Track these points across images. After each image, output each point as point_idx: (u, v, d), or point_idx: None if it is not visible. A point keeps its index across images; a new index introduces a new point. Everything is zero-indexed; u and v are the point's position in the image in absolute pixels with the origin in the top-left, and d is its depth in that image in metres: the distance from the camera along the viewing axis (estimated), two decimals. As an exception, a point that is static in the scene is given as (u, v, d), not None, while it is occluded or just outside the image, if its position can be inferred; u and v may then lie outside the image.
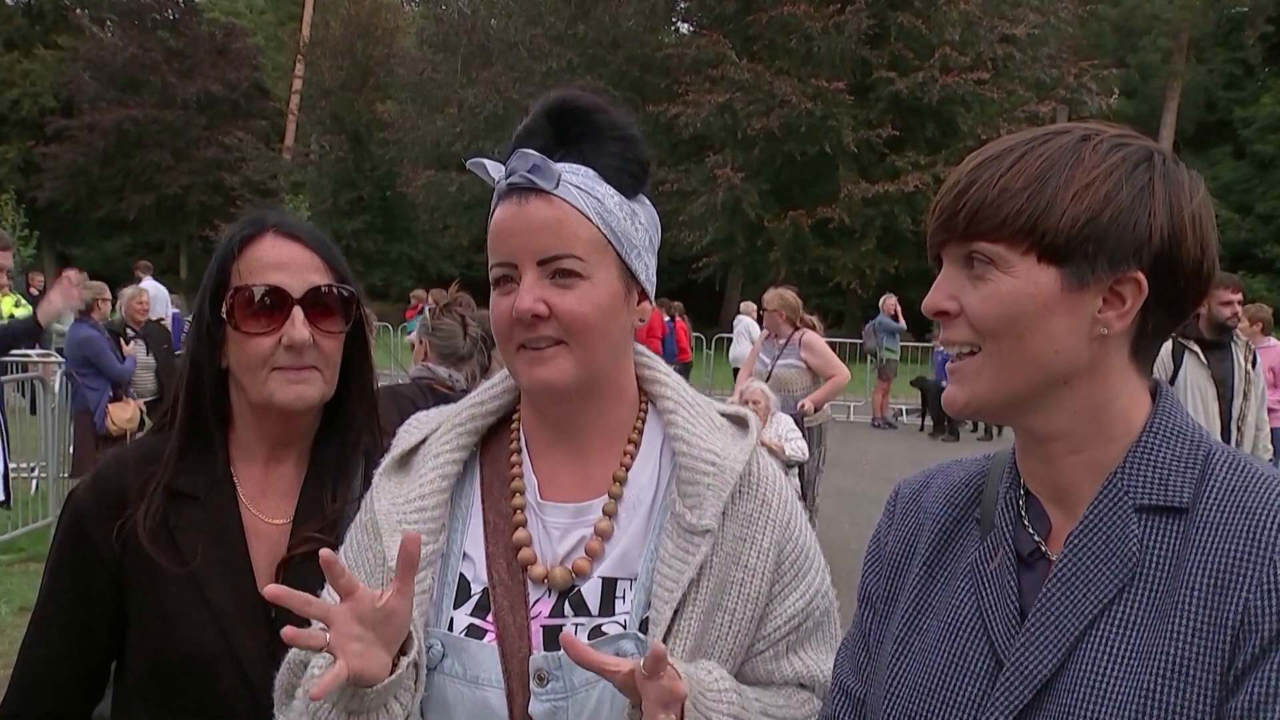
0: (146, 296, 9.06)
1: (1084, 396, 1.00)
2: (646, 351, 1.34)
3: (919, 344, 17.47)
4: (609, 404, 1.27)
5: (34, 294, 14.35)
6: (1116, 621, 0.95)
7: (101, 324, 7.82)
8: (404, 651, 1.14)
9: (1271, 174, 30.01)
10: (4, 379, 7.85)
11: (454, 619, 1.21)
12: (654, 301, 1.30)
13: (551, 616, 1.20)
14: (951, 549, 1.12)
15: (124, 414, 7.51)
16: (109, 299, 8.12)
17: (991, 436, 14.07)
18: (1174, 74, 31.68)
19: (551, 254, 1.17)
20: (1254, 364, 5.65)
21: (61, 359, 8.26)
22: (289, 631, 1.06)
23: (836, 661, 1.23)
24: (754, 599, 1.21)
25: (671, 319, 15.77)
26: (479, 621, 1.20)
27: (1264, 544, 0.90)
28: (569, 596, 1.21)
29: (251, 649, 1.38)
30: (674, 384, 1.31)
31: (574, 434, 1.27)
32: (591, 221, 1.19)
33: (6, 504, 5.89)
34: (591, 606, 1.21)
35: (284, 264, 1.44)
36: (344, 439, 1.54)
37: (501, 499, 1.27)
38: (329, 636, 1.07)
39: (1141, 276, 0.97)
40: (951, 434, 14.31)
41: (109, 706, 1.54)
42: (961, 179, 1.01)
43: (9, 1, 39.42)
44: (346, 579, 1.09)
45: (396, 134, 33.01)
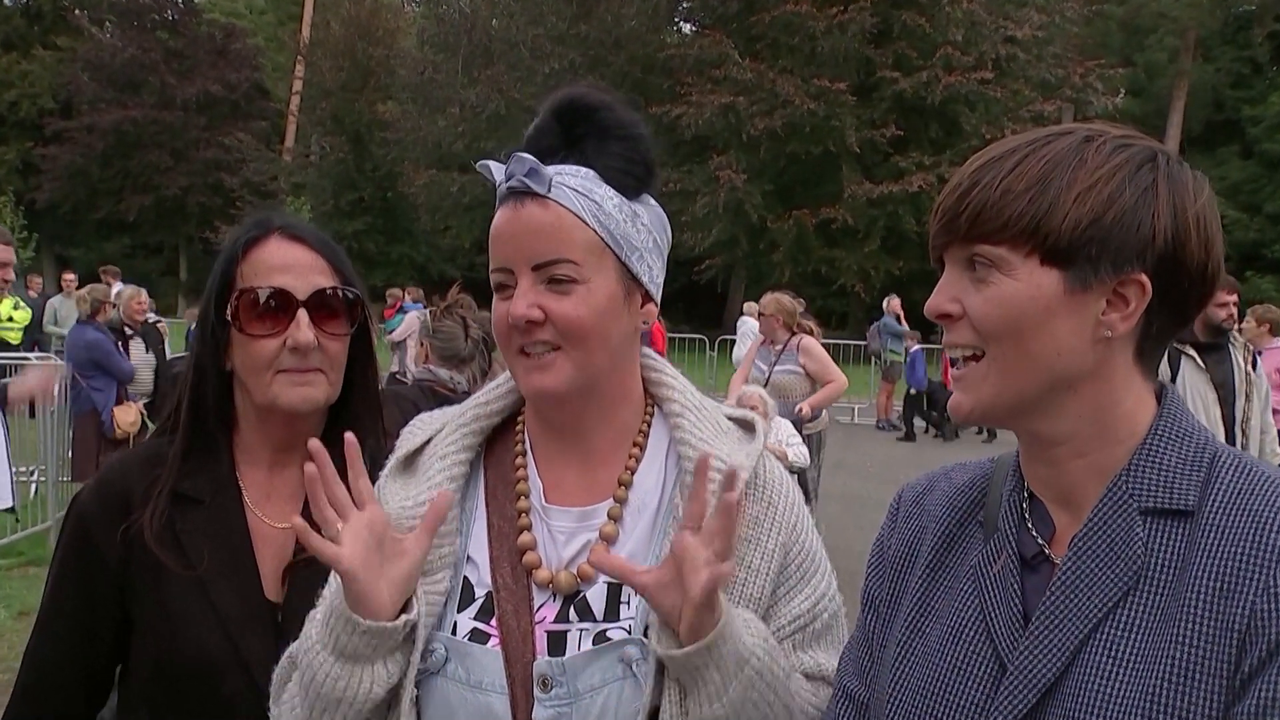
0: (145, 296, 9.11)
1: (1088, 400, 0.99)
2: (653, 354, 1.33)
3: (924, 345, 17.44)
4: (613, 407, 1.27)
5: (33, 296, 14.10)
6: (1121, 625, 0.94)
7: (105, 326, 7.91)
8: (406, 612, 1.14)
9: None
10: (2, 381, 7.75)
11: (457, 622, 1.20)
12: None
13: (556, 621, 1.19)
14: (955, 552, 1.12)
15: (127, 417, 7.55)
16: (114, 302, 8.22)
17: (995, 437, 14.02)
18: (1181, 73, 31.73)
19: (546, 259, 1.17)
20: (1254, 365, 5.46)
21: (61, 361, 8.15)
22: (299, 521, 1.10)
23: (839, 664, 1.22)
24: (756, 599, 1.20)
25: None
26: (482, 625, 1.19)
27: (1270, 547, 0.90)
28: (574, 601, 1.20)
29: (258, 653, 1.36)
30: (681, 387, 1.31)
31: (578, 437, 1.27)
32: (588, 225, 1.18)
33: (13, 509, 5.79)
34: (596, 611, 1.19)
35: (289, 266, 1.44)
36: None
37: (506, 502, 1.26)
38: (340, 526, 1.10)
39: (1145, 278, 0.96)
40: (942, 434, 14.29)
41: (113, 711, 1.54)
42: (964, 180, 1.00)
43: (7, 2, 39.54)
44: (365, 482, 1.14)
45: (397, 134, 33.10)
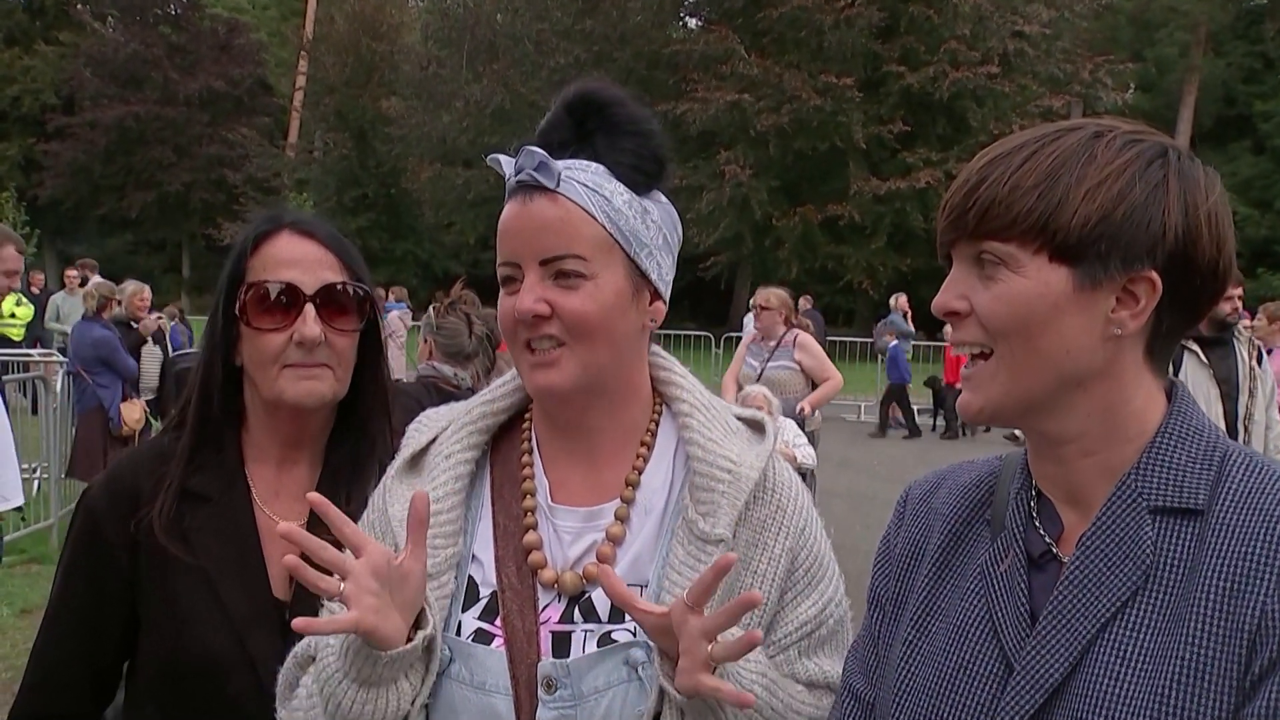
0: (147, 292, 9.17)
1: (1098, 398, 0.99)
2: (662, 352, 1.32)
3: (931, 343, 17.40)
4: (620, 405, 1.26)
5: (35, 293, 13.93)
6: (1130, 625, 0.94)
7: (111, 322, 7.94)
8: (419, 626, 1.12)
9: (1291, 169, 29.72)
10: (5, 378, 7.73)
11: (461, 622, 1.19)
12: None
13: (561, 622, 1.18)
14: (961, 550, 1.11)
15: (133, 414, 7.55)
16: (120, 299, 8.25)
17: (1017, 440, 13.83)
18: (1192, 68, 31.53)
19: (554, 254, 1.16)
20: (1260, 360, 5.32)
21: (63, 359, 8.20)
22: (291, 560, 1.03)
23: (846, 664, 1.22)
24: (763, 605, 1.19)
25: None
26: (487, 626, 1.19)
27: None
28: (579, 602, 1.19)
29: (264, 652, 1.35)
30: (690, 385, 1.30)
31: (584, 436, 1.26)
32: (596, 220, 1.17)
33: (21, 507, 5.81)
34: (601, 613, 1.18)
35: (297, 261, 1.44)
36: (358, 440, 1.53)
37: (512, 501, 1.25)
38: (343, 586, 1.05)
39: (1155, 276, 0.95)
40: (951, 432, 14.31)
41: (119, 710, 1.54)
42: (972, 176, 0.99)
43: (10, -3, 39.16)
44: (351, 529, 1.09)
45: (401, 130, 33.00)
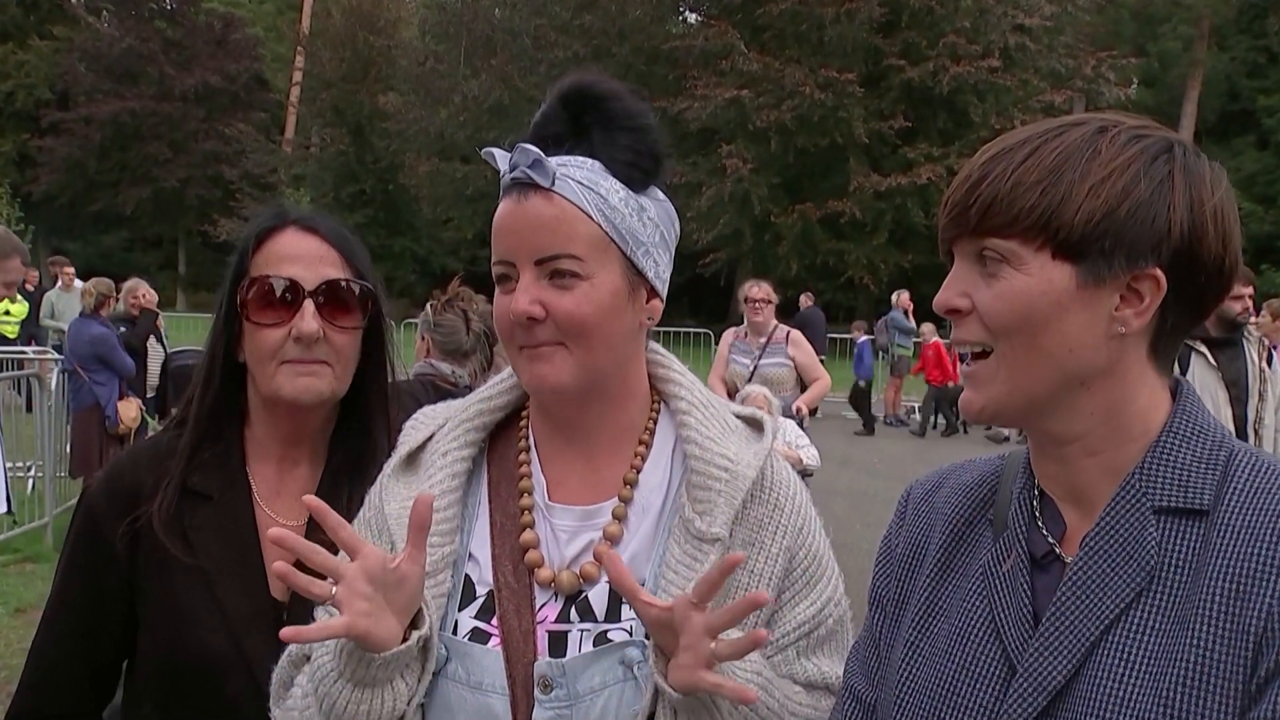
0: (145, 289, 9.17)
1: (1101, 397, 0.97)
2: (660, 349, 1.31)
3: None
4: (617, 404, 1.25)
5: (29, 289, 13.68)
6: (1134, 627, 0.92)
7: (109, 320, 7.95)
8: (415, 626, 1.11)
9: (1295, 165, 29.50)
10: (0, 376, 7.79)
11: (458, 621, 1.19)
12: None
13: (557, 622, 1.18)
14: (963, 550, 1.10)
15: (129, 412, 7.55)
16: (117, 296, 8.25)
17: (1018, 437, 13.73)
18: (1195, 62, 31.32)
19: (549, 253, 1.15)
20: (1270, 361, 5.23)
21: (58, 356, 8.24)
22: (281, 567, 1.02)
23: (847, 665, 1.21)
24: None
25: None
26: (483, 625, 1.18)
27: None
28: (575, 601, 1.19)
29: (262, 652, 1.33)
30: (688, 383, 1.29)
31: (581, 434, 1.25)
32: (592, 219, 1.16)
33: (10, 510, 5.86)
34: (598, 612, 1.18)
35: (299, 256, 1.43)
36: (361, 439, 1.52)
37: (509, 499, 1.25)
38: (335, 590, 1.05)
39: (1160, 273, 0.94)
40: (954, 430, 14.32)
41: (117, 710, 1.53)
42: (974, 172, 0.98)
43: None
44: (347, 532, 1.08)
45: (399, 126, 32.85)
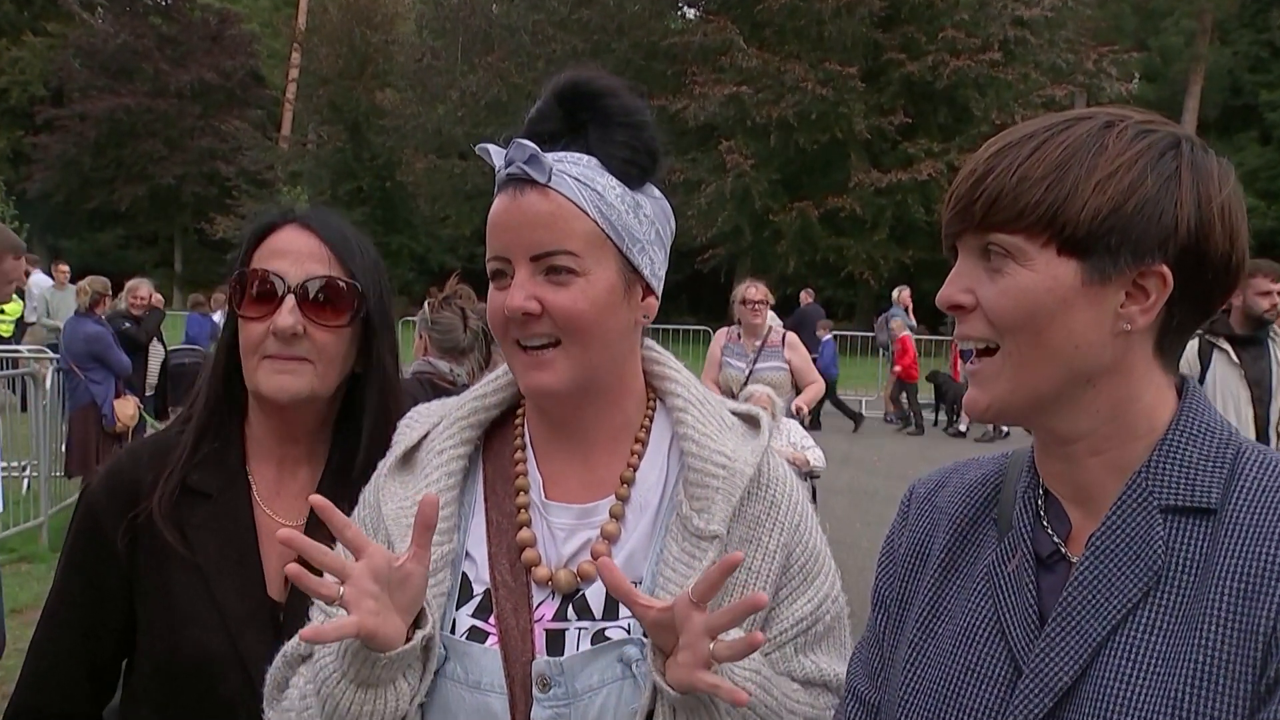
0: (148, 287, 9.24)
1: (1106, 395, 0.96)
2: (656, 346, 1.31)
3: (933, 337, 17.10)
4: (613, 403, 1.25)
5: (23, 287, 13.48)
6: (1141, 627, 0.92)
7: (105, 319, 7.94)
8: (418, 625, 1.11)
9: (1299, 160, 29.29)
10: None
11: (455, 620, 1.19)
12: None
13: (555, 620, 1.18)
14: (968, 550, 1.09)
15: (126, 410, 7.52)
16: (112, 295, 8.21)
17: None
18: (1197, 57, 31.15)
19: (545, 250, 1.15)
20: None
21: (54, 355, 8.21)
22: (292, 568, 1.03)
23: (850, 666, 1.20)
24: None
25: None
26: (480, 623, 1.18)
27: None
28: (573, 600, 1.18)
29: (258, 652, 1.33)
30: (684, 380, 1.29)
31: (577, 433, 1.25)
32: (588, 215, 1.15)
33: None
34: (595, 610, 1.17)
35: (288, 253, 1.44)
36: (360, 439, 1.50)
37: (505, 497, 1.24)
38: (343, 590, 1.05)
39: (1166, 270, 0.93)
40: (959, 433, 14.14)
41: (115, 712, 1.53)
42: (979, 167, 0.97)
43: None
44: (353, 532, 1.08)
45: (396, 122, 32.68)
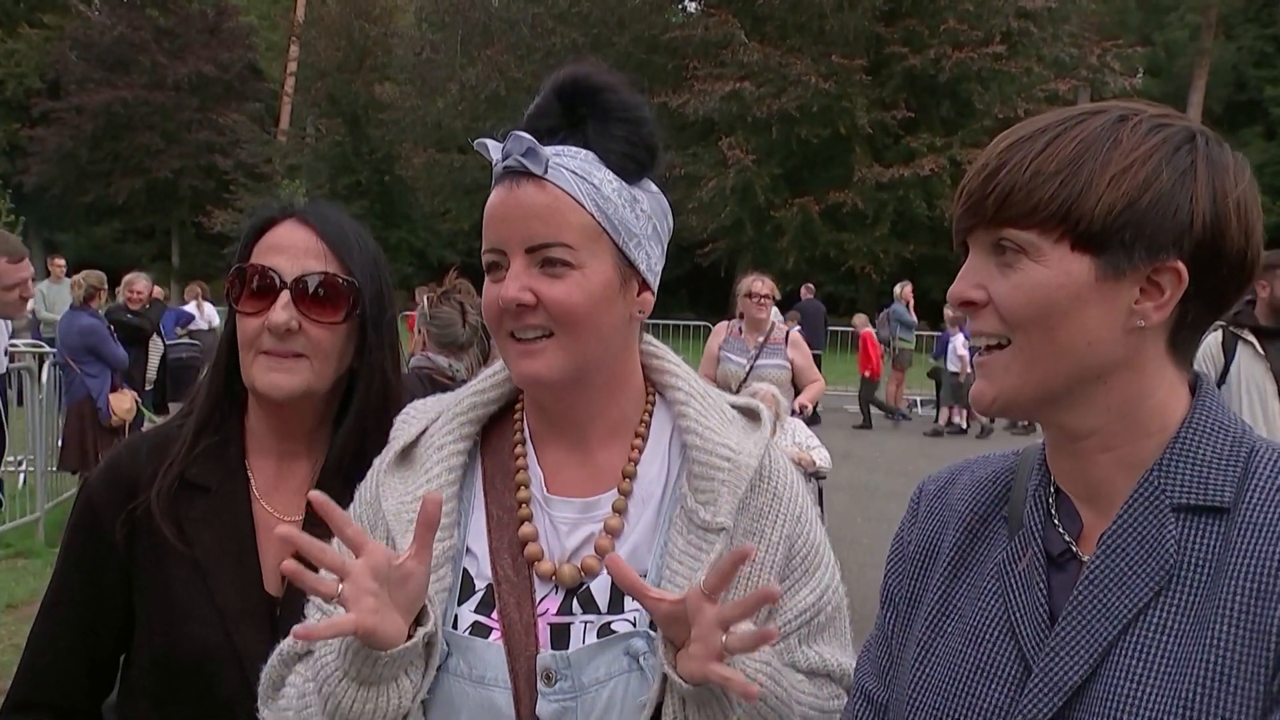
0: (144, 281, 9.18)
1: (1118, 392, 0.96)
2: (655, 341, 1.31)
3: (934, 333, 16.98)
4: (609, 397, 1.25)
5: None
6: (1152, 626, 0.91)
7: (100, 312, 7.90)
8: (419, 623, 1.11)
9: (1304, 155, 29.10)
10: None
11: (458, 616, 1.19)
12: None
13: (559, 614, 1.17)
14: (978, 548, 1.08)
15: (123, 404, 7.50)
16: (107, 288, 8.16)
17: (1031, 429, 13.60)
18: (1202, 52, 30.99)
19: (540, 241, 1.15)
20: None
21: (50, 349, 8.18)
22: (289, 565, 1.01)
23: (858, 664, 1.20)
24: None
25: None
26: (483, 619, 1.18)
27: None
28: (577, 594, 1.18)
29: (255, 648, 1.32)
30: (684, 374, 1.29)
31: (576, 427, 1.25)
32: (585, 208, 1.16)
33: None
34: (600, 604, 1.17)
35: (285, 248, 1.43)
36: (361, 435, 1.49)
37: (505, 492, 1.24)
38: (341, 587, 1.04)
39: (1181, 266, 0.92)
40: (954, 429, 14.06)
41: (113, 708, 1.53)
42: (990, 161, 0.96)
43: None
44: (353, 529, 1.07)
45: (395, 115, 32.48)
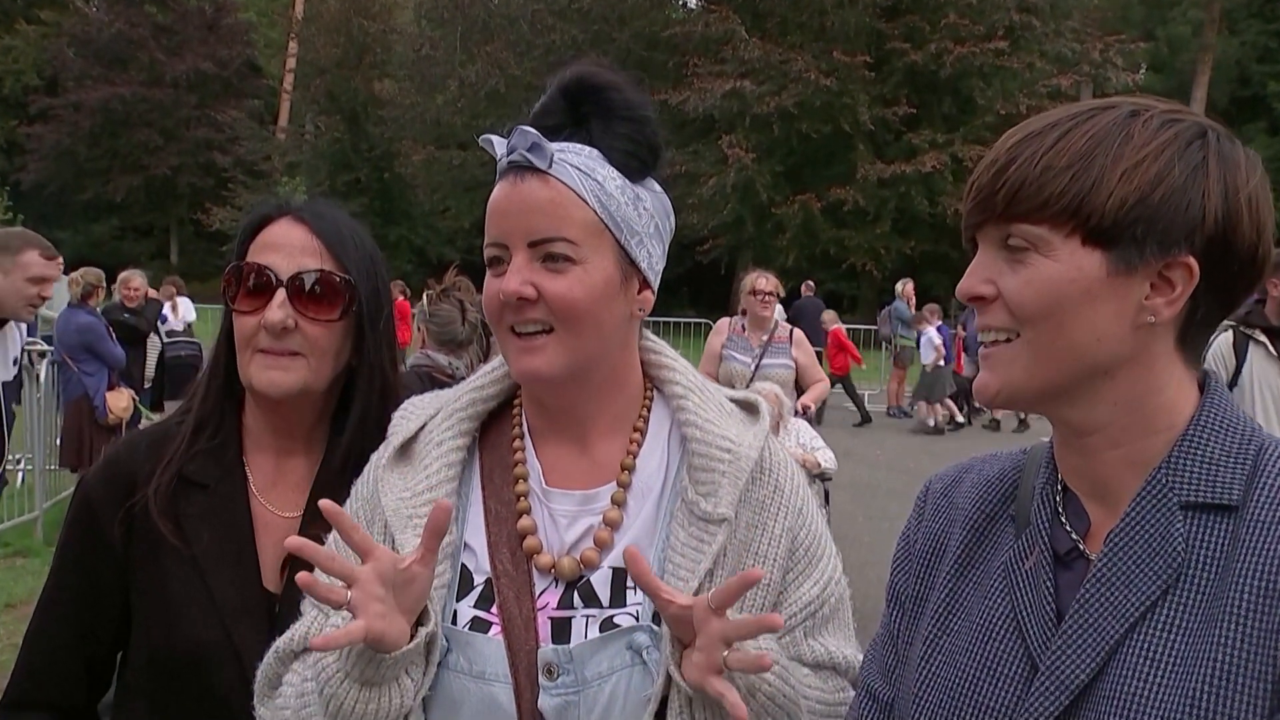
0: (138, 280, 9.09)
1: (1126, 388, 0.95)
2: (653, 337, 1.32)
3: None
4: (609, 392, 1.25)
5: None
6: (1159, 625, 0.91)
7: (98, 310, 7.87)
8: (420, 623, 1.11)
9: (1307, 151, 28.92)
10: None
11: (457, 611, 1.18)
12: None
13: (559, 608, 1.17)
14: (984, 547, 1.08)
15: (120, 402, 7.47)
16: (105, 286, 8.12)
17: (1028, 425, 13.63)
18: (1205, 47, 30.83)
19: (543, 236, 1.15)
20: None
21: (48, 347, 8.08)
22: (304, 577, 1.02)
23: (864, 664, 1.20)
24: (767, 586, 1.18)
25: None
26: (483, 614, 1.17)
27: None
28: (578, 587, 1.18)
29: (252, 644, 1.32)
30: (682, 368, 1.29)
31: (575, 423, 1.25)
32: (588, 204, 1.16)
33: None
34: (602, 597, 1.17)
35: (281, 246, 1.43)
36: (358, 432, 1.48)
37: (503, 486, 1.24)
38: (350, 594, 1.04)
39: (1193, 261, 0.92)
40: (954, 425, 13.93)
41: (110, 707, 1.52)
42: (1000, 156, 0.96)
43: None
44: (360, 535, 1.08)
45: (394, 112, 32.36)
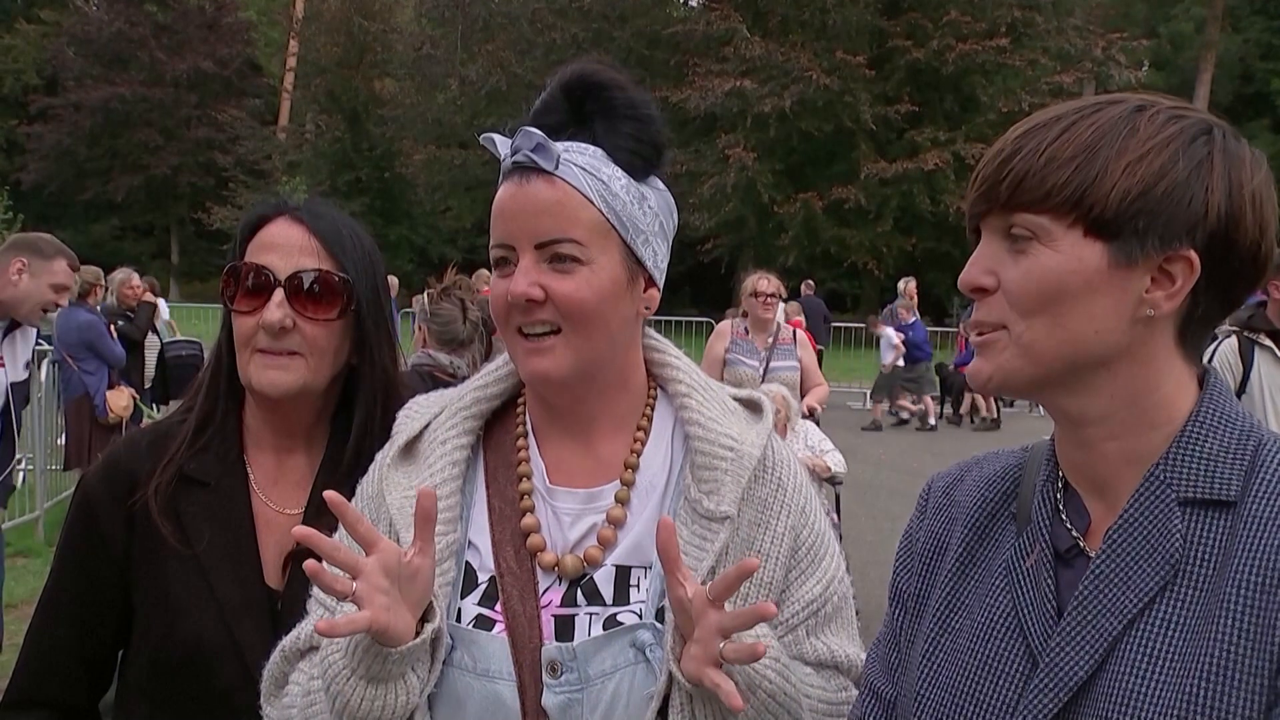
0: (137, 279, 9.08)
1: (1123, 381, 0.95)
2: (655, 335, 1.32)
3: (937, 328, 16.82)
4: (614, 391, 1.25)
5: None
6: (1158, 621, 0.91)
7: (98, 308, 7.82)
8: (426, 619, 1.12)
9: (1311, 149, 28.86)
10: None
11: (461, 609, 1.19)
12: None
13: (563, 606, 1.17)
14: (986, 545, 1.08)
15: (120, 401, 7.44)
16: (104, 285, 8.14)
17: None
18: (1208, 44, 30.74)
19: (550, 237, 1.15)
20: None
21: (48, 346, 7.93)
22: (312, 565, 1.02)
23: (867, 662, 1.20)
24: (769, 584, 1.19)
25: None
26: (487, 611, 1.18)
27: None
28: (581, 585, 1.18)
29: (254, 641, 1.34)
30: (685, 367, 1.30)
31: (579, 421, 1.25)
32: (594, 204, 1.16)
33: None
34: (605, 595, 1.18)
35: (278, 245, 1.44)
36: (359, 430, 1.49)
37: (507, 484, 1.25)
38: (355, 585, 1.04)
39: (1194, 256, 0.92)
40: (954, 420, 13.97)
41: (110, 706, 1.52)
42: (1006, 147, 0.96)
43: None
44: (365, 526, 1.08)
45: (395, 112, 32.29)
